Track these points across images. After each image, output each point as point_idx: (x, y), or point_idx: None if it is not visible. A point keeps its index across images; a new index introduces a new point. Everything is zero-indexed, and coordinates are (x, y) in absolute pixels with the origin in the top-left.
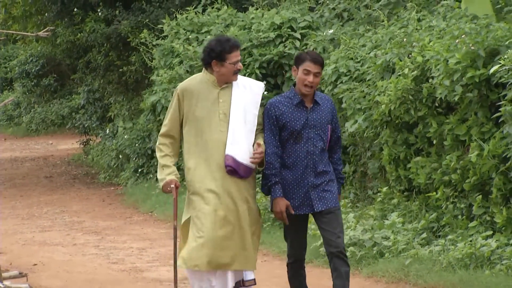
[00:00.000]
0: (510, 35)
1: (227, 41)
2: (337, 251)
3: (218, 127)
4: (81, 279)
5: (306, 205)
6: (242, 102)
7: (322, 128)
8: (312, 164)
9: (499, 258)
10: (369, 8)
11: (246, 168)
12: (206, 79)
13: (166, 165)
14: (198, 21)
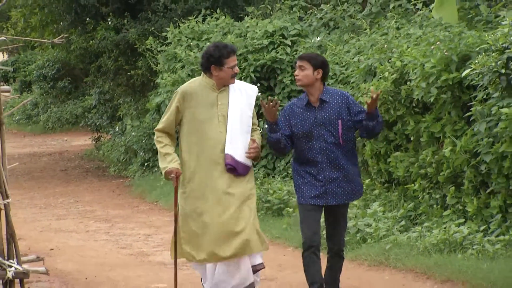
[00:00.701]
0: (480, 42)
1: (225, 47)
2: (337, 249)
3: (218, 128)
4: (93, 263)
5: (321, 197)
6: (238, 105)
7: (332, 124)
8: (327, 159)
9: (470, 243)
10: (353, 18)
11: (244, 166)
12: (205, 83)
13: (168, 153)
14: (199, 29)
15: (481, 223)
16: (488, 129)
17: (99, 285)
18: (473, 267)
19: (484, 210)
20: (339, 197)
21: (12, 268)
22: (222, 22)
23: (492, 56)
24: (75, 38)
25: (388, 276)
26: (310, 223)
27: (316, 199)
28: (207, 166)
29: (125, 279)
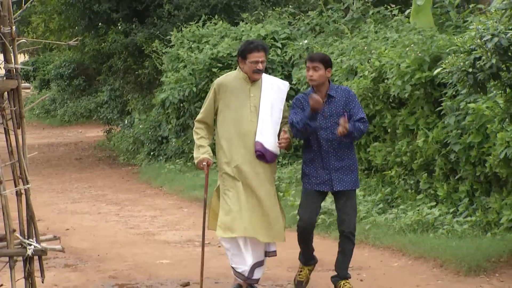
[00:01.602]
0: (450, 44)
1: (251, 43)
2: (348, 231)
3: (249, 117)
4: (104, 241)
5: (326, 184)
6: (270, 97)
7: (339, 117)
8: (333, 149)
9: (441, 224)
10: (337, 23)
11: (272, 154)
12: (239, 76)
13: (202, 145)
14: (199, 33)
15: (451, 206)
16: (457, 122)
17: (110, 261)
18: (443, 245)
19: (453, 194)
20: (346, 183)
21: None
22: (220, 27)
23: (461, 57)
24: (89, 41)
25: (368, 253)
26: (308, 208)
27: (321, 185)
28: (241, 151)
29: (133, 255)
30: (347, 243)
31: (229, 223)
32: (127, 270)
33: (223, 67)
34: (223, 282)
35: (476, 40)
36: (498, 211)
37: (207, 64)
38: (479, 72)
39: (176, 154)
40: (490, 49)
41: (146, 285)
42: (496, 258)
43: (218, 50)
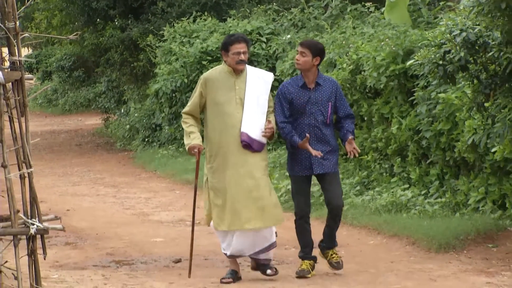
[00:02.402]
0: (422, 39)
1: (231, 36)
2: (337, 206)
3: (235, 109)
4: (102, 221)
5: (307, 168)
6: (255, 89)
7: (323, 104)
8: (314, 134)
9: (413, 205)
10: (317, 19)
11: (259, 143)
12: (224, 69)
13: (192, 132)
14: (190, 28)
15: (422, 188)
16: (428, 110)
17: (107, 239)
18: (415, 224)
19: (424, 177)
20: (326, 166)
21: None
22: (209, 23)
23: (432, 50)
24: (88, 35)
25: (346, 232)
26: (301, 195)
27: (304, 170)
28: (228, 143)
29: (129, 234)
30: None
31: (217, 216)
32: (123, 248)
33: (212, 60)
34: (212, 259)
35: (446, 35)
36: (466, 193)
37: (197, 57)
38: (448, 65)
39: (168, 140)
40: (459, 43)
41: (141, 262)
42: (464, 236)
43: (208, 44)
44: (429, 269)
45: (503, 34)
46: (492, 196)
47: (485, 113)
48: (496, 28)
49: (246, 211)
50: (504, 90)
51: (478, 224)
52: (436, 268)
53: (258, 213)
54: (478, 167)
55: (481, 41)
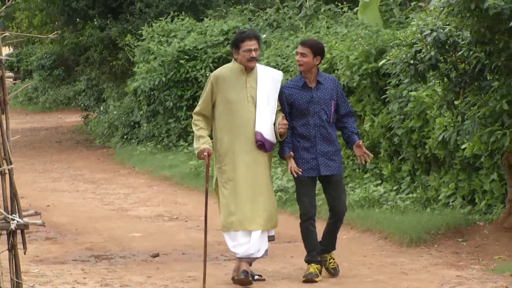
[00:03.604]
0: (393, 38)
1: (242, 33)
2: (341, 211)
3: (247, 108)
4: (82, 216)
5: (314, 169)
6: (266, 88)
7: (326, 103)
8: (320, 134)
9: (385, 200)
10: (292, 19)
11: (270, 143)
12: (235, 67)
13: (201, 136)
14: (168, 28)
15: (394, 184)
16: (400, 108)
17: (87, 234)
18: (387, 219)
19: (396, 173)
20: (332, 168)
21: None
22: (187, 23)
23: (403, 50)
24: (68, 35)
25: (320, 226)
26: (307, 196)
27: (310, 171)
28: (239, 142)
29: (108, 229)
30: (338, 223)
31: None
32: (102, 243)
33: (190, 59)
34: (190, 253)
35: (417, 35)
36: (437, 189)
37: (175, 56)
38: (419, 64)
39: (147, 137)
40: (430, 43)
41: (119, 256)
42: (434, 231)
43: (185, 43)
44: (400, 262)
45: (473, 33)
46: (462, 191)
47: (455, 111)
48: (465, 28)
49: (254, 212)
50: (473, 88)
51: (448, 219)
52: (407, 261)
53: (263, 215)
54: (448, 163)
55: (451, 40)
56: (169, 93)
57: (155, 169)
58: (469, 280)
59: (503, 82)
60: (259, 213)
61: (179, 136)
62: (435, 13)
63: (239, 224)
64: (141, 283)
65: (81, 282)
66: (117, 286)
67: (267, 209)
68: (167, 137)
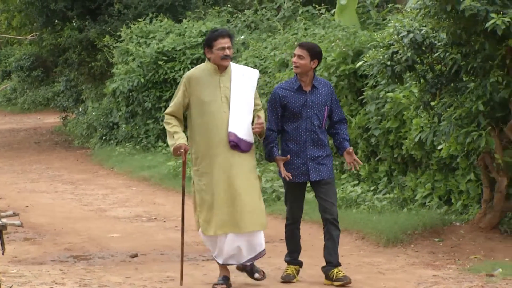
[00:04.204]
0: (371, 40)
1: (215, 31)
2: (332, 218)
3: (221, 108)
4: (61, 217)
5: (304, 174)
6: (240, 87)
7: (319, 108)
8: (311, 139)
9: (363, 200)
10: (270, 21)
11: (246, 143)
12: (208, 67)
13: (176, 132)
14: (146, 29)
15: (371, 184)
16: (377, 109)
17: (65, 235)
18: (365, 219)
19: (373, 174)
20: (322, 173)
21: None
22: (165, 24)
23: (380, 51)
24: (46, 36)
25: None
26: (295, 201)
27: (300, 176)
28: (215, 143)
29: (86, 229)
30: (333, 229)
31: (204, 221)
32: (81, 243)
33: (168, 60)
34: (168, 253)
35: (394, 36)
36: (413, 189)
37: (153, 57)
38: (396, 65)
39: (126, 138)
40: (406, 44)
41: (98, 257)
42: (411, 231)
43: (164, 44)
44: (377, 262)
45: (449, 35)
46: (438, 192)
47: (432, 112)
48: (442, 30)
49: (234, 215)
50: (449, 90)
51: (424, 219)
52: (384, 261)
53: (246, 217)
54: (425, 164)
55: (427, 42)
56: (147, 94)
57: (134, 170)
58: (445, 279)
59: (479, 83)
60: (237, 216)
61: (157, 137)
62: (412, 14)
63: (217, 228)
64: (120, 284)
65: (60, 283)
66: (96, 286)
67: (247, 211)
68: (146, 138)
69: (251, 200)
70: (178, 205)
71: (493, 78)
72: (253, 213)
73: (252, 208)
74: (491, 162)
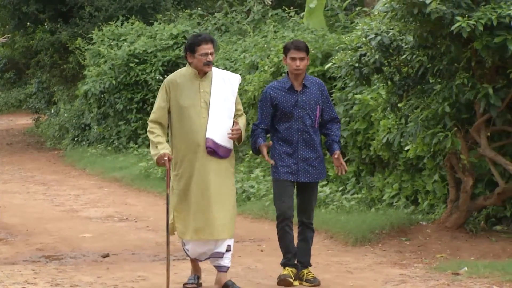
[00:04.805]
0: (339, 42)
1: (198, 36)
2: (308, 222)
3: (200, 114)
4: (33, 217)
5: (293, 173)
6: (221, 92)
7: (311, 108)
8: (303, 139)
9: (331, 200)
10: (240, 23)
11: (225, 149)
12: (188, 72)
13: (159, 142)
14: (118, 32)
15: (340, 184)
16: (345, 111)
17: (37, 235)
18: (333, 219)
19: (342, 174)
20: (311, 175)
21: None
22: (136, 26)
23: (348, 53)
24: (19, 38)
25: (267, 226)
26: (284, 198)
27: (289, 175)
28: (193, 149)
29: (58, 230)
30: (308, 231)
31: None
32: (53, 243)
33: (139, 62)
34: (140, 253)
35: (362, 39)
36: (381, 189)
37: (125, 59)
38: (364, 67)
39: (97, 139)
40: (374, 47)
41: (70, 257)
42: (379, 230)
43: (135, 47)
44: (346, 261)
45: (415, 38)
46: (405, 192)
47: (399, 113)
48: (408, 32)
49: (209, 221)
50: (416, 91)
51: (392, 219)
52: (352, 260)
53: (219, 224)
54: (392, 164)
55: (394, 44)
56: (119, 96)
57: (106, 171)
58: (412, 278)
59: (445, 85)
60: (211, 223)
61: (129, 138)
62: (379, 17)
63: (193, 234)
64: (91, 283)
65: (32, 282)
66: (68, 286)
67: (220, 218)
68: (118, 139)
69: (223, 208)
70: (149, 205)
71: (458, 80)
72: (224, 221)
73: (224, 216)
74: (457, 163)
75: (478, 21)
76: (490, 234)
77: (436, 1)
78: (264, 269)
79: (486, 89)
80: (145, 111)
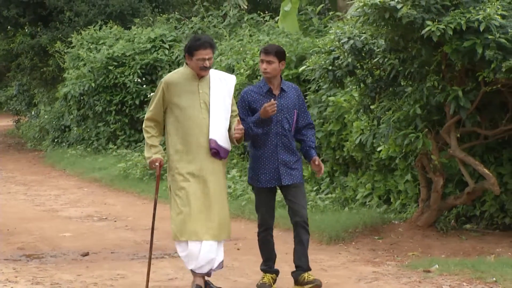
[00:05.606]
0: (313, 46)
1: (198, 40)
2: (301, 221)
3: (200, 114)
4: (14, 217)
5: (275, 179)
6: (219, 93)
7: (289, 112)
8: (282, 143)
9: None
10: (216, 27)
11: (225, 150)
12: (187, 72)
13: (153, 145)
14: (97, 35)
15: (314, 184)
16: (319, 112)
17: (18, 235)
18: (308, 218)
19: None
20: (294, 177)
21: None
22: (115, 30)
23: (322, 57)
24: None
25: (244, 225)
26: (266, 207)
27: (272, 181)
28: (193, 149)
29: (39, 229)
30: (303, 233)
31: (179, 226)
32: (34, 242)
33: (118, 65)
34: (118, 252)
35: (335, 42)
36: (354, 189)
37: (104, 62)
38: (337, 70)
39: (77, 141)
40: (347, 50)
41: (50, 255)
42: (352, 229)
43: (114, 50)
44: (320, 259)
45: (387, 41)
46: (378, 191)
47: (371, 115)
48: (380, 36)
49: (209, 222)
50: (388, 94)
51: (365, 218)
52: (327, 258)
53: (217, 225)
54: (365, 165)
55: (367, 48)
56: (98, 98)
57: (85, 171)
58: (384, 275)
59: (416, 87)
60: (212, 223)
61: (108, 139)
62: (352, 22)
63: (192, 234)
64: (71, 281)
65: (13, 281)
66: (48, 284)
67: (220, 218)
68: (97, 140)
69: (222, 208)
70: (128, 205)
71: (429, 82)
72: (224, 221)
73: (223, 216)
74: (428, 163)
75: (447, 26)
76: (460, 232)
77: (407, 6)
78: (241, 267)
79: (456, 92)
80: (124, 113)
